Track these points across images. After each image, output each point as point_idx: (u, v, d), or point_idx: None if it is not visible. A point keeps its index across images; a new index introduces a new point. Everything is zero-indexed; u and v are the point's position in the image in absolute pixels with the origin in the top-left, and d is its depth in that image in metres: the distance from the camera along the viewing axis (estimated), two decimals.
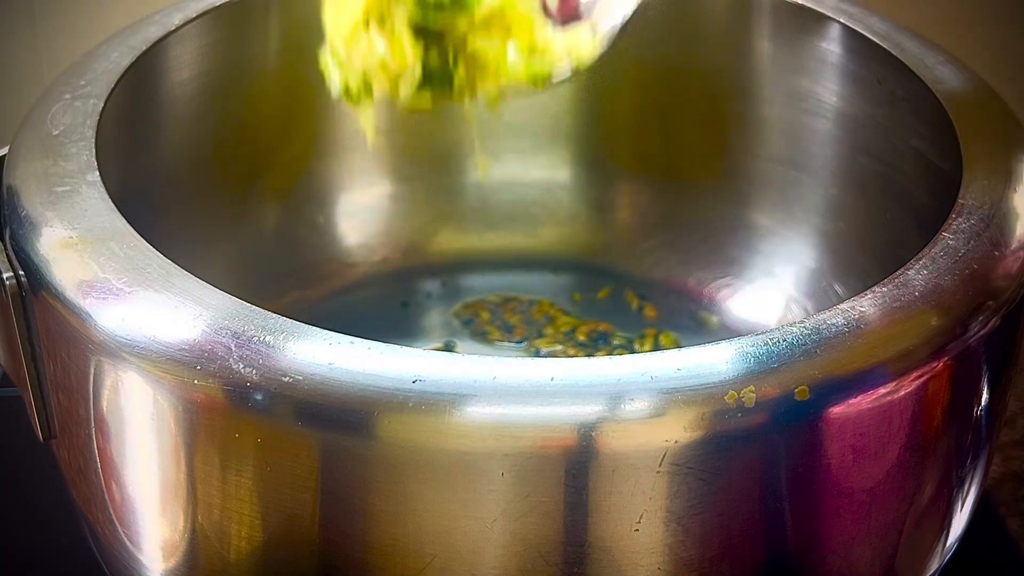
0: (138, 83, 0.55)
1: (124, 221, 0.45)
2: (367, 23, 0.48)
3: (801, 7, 0.61)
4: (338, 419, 0.39)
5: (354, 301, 0.67)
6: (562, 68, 0.49)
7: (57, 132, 0.49)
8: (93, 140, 0.49)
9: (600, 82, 0.67)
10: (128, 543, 0.46)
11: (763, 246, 0.66)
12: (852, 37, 0.59)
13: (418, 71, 0.48)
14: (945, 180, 0.51)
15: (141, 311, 0.42)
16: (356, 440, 0.40)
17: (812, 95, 0.62)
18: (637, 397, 0.39)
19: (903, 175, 0.58)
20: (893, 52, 0.56)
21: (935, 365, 0.42)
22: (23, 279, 0.45)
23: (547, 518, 0.40)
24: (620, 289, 0.69)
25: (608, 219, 0.70)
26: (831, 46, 0.60)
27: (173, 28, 0.57)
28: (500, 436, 0.39)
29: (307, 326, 0.41)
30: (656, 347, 0.66)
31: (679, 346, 0.65)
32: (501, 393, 0.39)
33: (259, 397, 0.40)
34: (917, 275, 0.44)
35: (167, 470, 0.43)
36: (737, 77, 0.64)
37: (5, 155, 0.50)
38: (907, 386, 0.42)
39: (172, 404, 0.41)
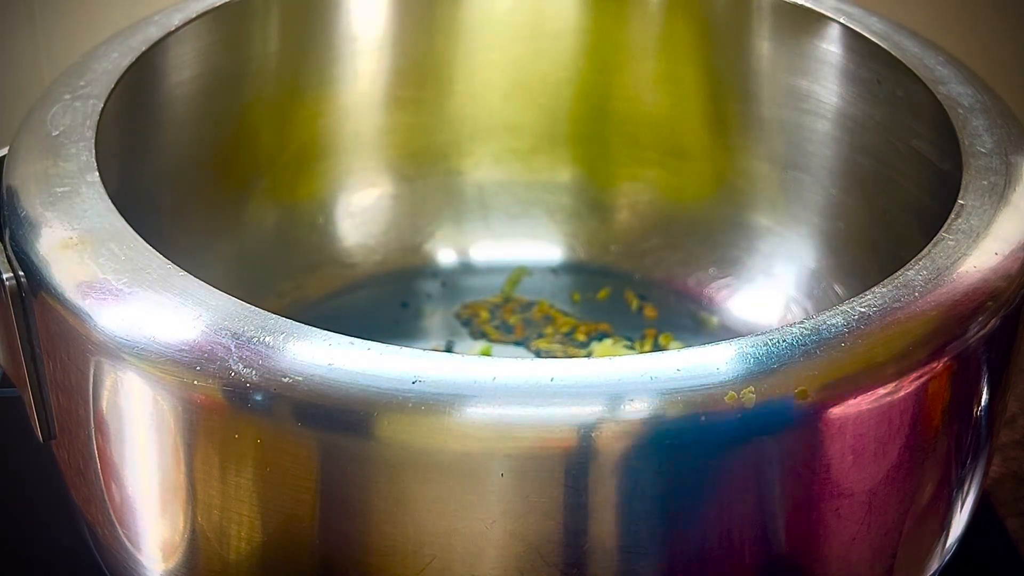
0: (138, 83, 0.55)
1: (124, 221, 0.45)
2: None
3: (801, 7, 0.61)
4: (338, 419, 0.39)
5: (354, 301, 0.67)
6: None
7: (57, 133, 0.49)
8: (93, 140, 0.49)
9: (600, 82, 0.67)
10: (128, 544, 0.46)
11: (763, 246, 0.66)
12: (852, 37, 0.59)
13: None
14: (945, 180, 0.51)
15: (141, 311, 0.42)
16: (356, 440, 0.40)
17: (812, 95, 0.62)
18: (637, 397, 0.39)
19: (903, 175, 0.58)
20: (893, 52, 0.56)
21: (935, 365, 0.42)
22: (23, 280, 0.45)
23: (547, 519, 0.40)
24: (620, 289, 0.69)
25: (608, 219, 0.70)
26: (831, 46, 0.60)
27: (173, 28, 0.57)
28: (500, 436, 0.39)
29: (307, 326, 0.41)
30: (656, 347, 0.66)
31: (679, 346, 0.65)
32: (501, 393, 0.39)
33: (259, 398, 0.40)
34: (917, 275, 0.44)
35: (167, 470, 0.43)
36: (737, 77, 0.64)
37: (5, 156, 0.50)
38: (907, 386, 0.42)
39: (172, 404, 0.41)
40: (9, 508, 0.60)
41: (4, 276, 0.45)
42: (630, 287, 0.69)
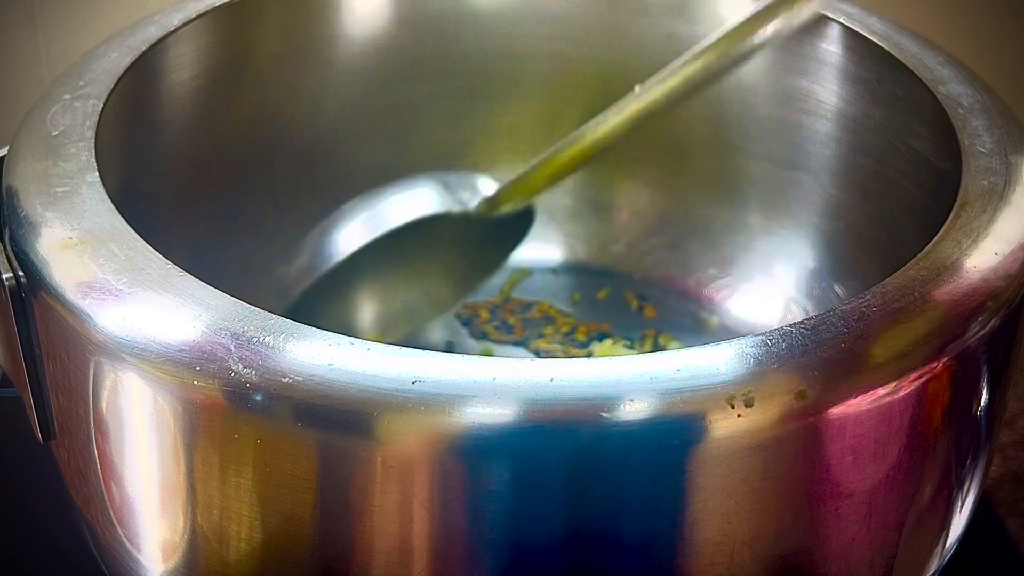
0: (138, 83, 0.55)
1: (124, 222, 0.45)
2: None
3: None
4: (338, 419, 0.39)
5: None
6: None
7: (57, 132, 0.49)
8: (93, 140, 0.49)
9: (600, 81, 0.67)
10: (127, 544, 0.46)
11: (763, 246, 0.66)
12: (852, 37, 0.59)
13: None
14: (945, 180, 0.51)
15: (141, 312, 0.42)
16: (356, 440, 0.40)
17: (812, 95, 0.62)
18: (637, 397, 0.39)
19: (903, 175, 0.58)
20: (893, 52, 0.56)
21: (935, 366, 0.42)
22: (23, 280, 0.45)
23: (547, 519, 0.40)
24: (620, 289, 0.69)
25: (608, 219, 0.70)
26: (831, 46, 0.60)
27: (173, 28, 0.57)
28: (500, 436, 0.39)
29: (307, 326, 0.41)
30: (656, 347, 0.66)
31: (679, 346, 0.65)
32: (501, 393, 0.39)
33: (259, 398, 0.40)
34: (917, 275, 0.44)
35: (167, 471, 0.43)
36: (737, 77, 0.64)
37: (5, 156, 0.50)
38: (907, 387, 0.42)
39: (172, 405, 0.41)
40: (8, 508, 0.60)
41: (4, 276, 0.45)
42: (630, 287, 0.69)
